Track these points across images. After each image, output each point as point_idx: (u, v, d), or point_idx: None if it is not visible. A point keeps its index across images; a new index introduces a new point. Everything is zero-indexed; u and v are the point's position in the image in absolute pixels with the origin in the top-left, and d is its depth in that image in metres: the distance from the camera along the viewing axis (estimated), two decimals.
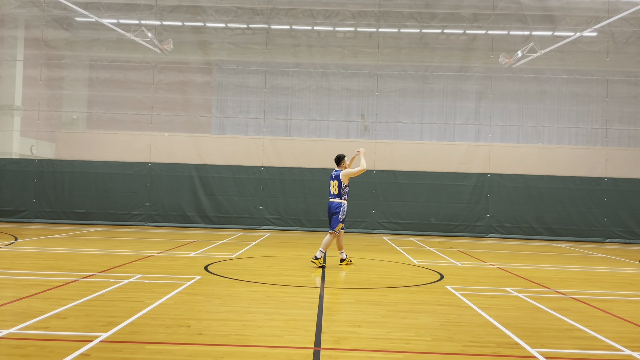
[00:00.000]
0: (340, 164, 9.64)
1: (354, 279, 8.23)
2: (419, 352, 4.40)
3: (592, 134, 19.78)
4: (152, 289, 6.66)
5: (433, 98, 20.24)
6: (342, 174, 9.42)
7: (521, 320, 5.65)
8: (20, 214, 17.90)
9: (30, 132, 19.34)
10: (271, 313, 5.62)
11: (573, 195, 18.00)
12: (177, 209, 18.10)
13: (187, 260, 9.70)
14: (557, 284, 8.29)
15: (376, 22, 18.97)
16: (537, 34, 17.94)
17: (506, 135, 20.04)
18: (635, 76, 19.43)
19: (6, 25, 18.91)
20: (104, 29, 18.08)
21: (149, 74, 19.13)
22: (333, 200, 9.47)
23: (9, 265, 8.40)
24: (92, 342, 4.32)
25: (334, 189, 9.47)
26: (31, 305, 5.56)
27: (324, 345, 4.50)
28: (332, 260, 10.48)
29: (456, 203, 18.06)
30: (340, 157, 9.69)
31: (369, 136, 19.62)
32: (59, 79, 19.57)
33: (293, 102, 20.04)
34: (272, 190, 18.25)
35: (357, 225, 18.05)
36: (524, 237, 17.91)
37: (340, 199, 9.43)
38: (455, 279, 8.50)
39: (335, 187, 9.44)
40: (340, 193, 9.41)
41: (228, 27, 19.67)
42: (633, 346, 4.79)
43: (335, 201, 9.44)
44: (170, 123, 19.31)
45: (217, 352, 4.23)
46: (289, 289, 7.06)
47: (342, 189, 9.40)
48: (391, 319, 5.59)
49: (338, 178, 9.44)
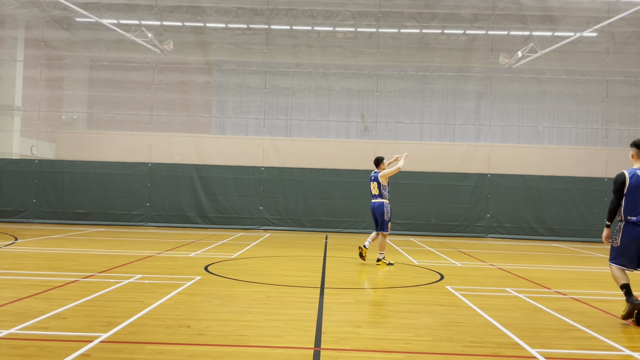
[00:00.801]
0: (379, 165, 10.04)
1: (354, 279, 8.23)
2: (419, 353, 4.40)
3: (592, 134, 19.77)
4: (152, 289, 6.66)
5: (433, 98, 20.23)
6: (380, 175, 9.84)
7: (521, 321, 5.65)
8: (21, 214, 17.90)
9: (30, 133, 19.34)
10: (271, 313, 5.62)
11: (573, 195, 17.99)
12: (177, 209, 18.10)
13: (187, 260, 9.70)
14: (557, 284, 8.29)
15: (376, 23, 18.97)
16: (537, 34, 17.94)
17: (506, 135, 20.04)
18: (635, 76, 19.43)
19: (6, 26, 18.91)
20: (104, 29, 18.08)
21: (149, 74, 19.13)
22: (375, 200, 9.90)
23: (9, 265, 8.40)
24: (92, 343, 4.32)
25: (374, 190, 9.93)
26: (31, 305, 5.56)
27: (324, 346, 4.50)
28: (333, 260, 10.48)
29: (456, 203, 18.05)
30: (379, 159, 10.08)
31: (369, 136, 19.62)
32: (59, 79, 19.57)
33: (293, 102, 20.04)
34: (272, 191, 18.25)
35: (357, 226, 18.05)
36: (524, 237, 17.91)
37: (381, 199, 9.84)
38: (456, 279, 8.50)
39: (376, 188, 9.90)
40: (381, 193, 9.84)
41: (228, 27, 19.68)
42: (633, 346, 4.79)
43: (377, 201, 9.86)
44: (170, 123, 19.31)
45: (217, 353, 4.23)
46: (289, 289, 7.06)
47: (381, 189, 9.84)
48: (391, 319, 5.59)
49: (377, 179, 9.88)
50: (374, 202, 9.87)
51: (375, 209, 9.82)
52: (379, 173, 9.90)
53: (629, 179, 5.52)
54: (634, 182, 5.48)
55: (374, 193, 9.92)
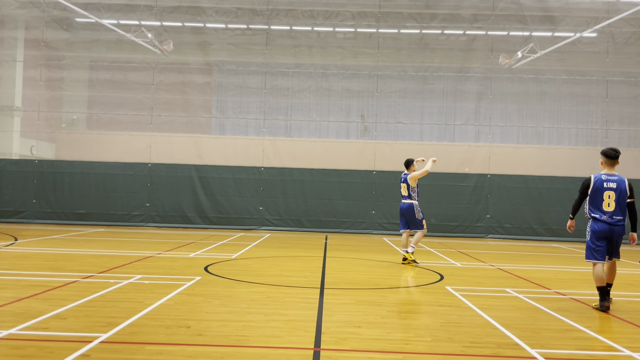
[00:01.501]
0: (409, 167, 10.31)
1: (354, 280, 8.23)
2: (419, 353, 4.40)
3: (592, 135, 19.77)
4: (152, 290, 6.66)
5: (433, 99, 20.23)
6: (409, 177, 10.14)
7: (521, 321, 5.65)
8: (20, 214, 17.89)
9: (30, 133, 19.34)
10: (271, 314, 5.62)
11: (573, 195, 17.58)
12: (177, 209, 18.10)
13: (187, 260, 9.70)
14: (557, 285, 8.30)
15: (376, 23, 18.97)
16: (537, 34, 17.95)
17: (506, 135, 20.03)
18: (635, 77, 19.43)
19: (6, 26, 18.91)
20: (104, 30, 18.08)
21: (149, 74, 19.13)
22: (405, 201, 10.18)
23: (9, 265, 8.40)
24: (92, 343, 4.32)
25: (404, 191, 10.22)
26: (31, 305, 5.56)
27: (324, 346, 4.50)
28: (333, 261, 10.48)
29: (456, 203, 18.05)
30: (409, 161, 10.34)
31: (369, 137, 19.62)
32: (59, 79, 19.57)
33: (293, 102, 20.04)
34: (272, 191, 18.25)
35: (357, 226, 18.05)
36: (524, 237, 17.91)
37: (410, 200, 10.12)
38: (455, 279, 8.50)
39: (405, 190, 10.19)
40: (410, 194, 10.12)
41: (228, 27, 19.68)
42: (633, 346, 4.79)
43: (406, 202, 10.13)
44: (170, 124, 19.31)
45: (217, 353, 4.23)
46: (289, 290, 7.06)
47: (411, 190, 10.13)
48: (391, 319, 5.59)
49: (406, 181, 10.17)
50: (404, 202, 10.15)
51: (405, 210, 10.09)
52: (408, 175, 10.16)
53: (593, 182, 6.53)
54: (597, 185, 6.48)
55: (403, 194, 10.21)
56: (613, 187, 6.43)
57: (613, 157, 6.51)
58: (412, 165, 10.26)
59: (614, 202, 6.42)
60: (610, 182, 6.46)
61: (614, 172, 6.55)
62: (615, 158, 6.52)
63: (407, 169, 10.28)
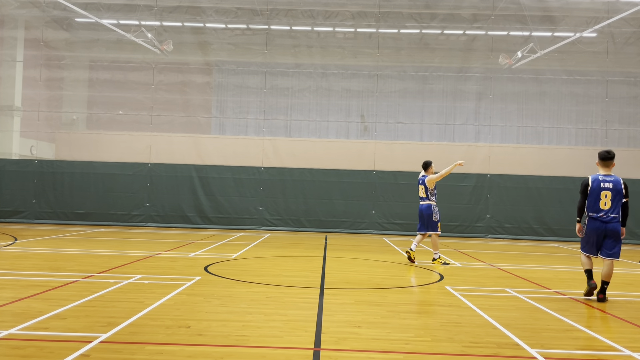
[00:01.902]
0: (427, 169, 10.38)
1: (354, 280, 8.23)
2: (419, 353, 4.40)
3: (592, 135, 19.77)
4: (152, 290, 6.66)
5: (433, 98, 20.23)
6: (427, 179, 10.21)
7: (521, 321, 5.65)
8: (20, 214, 17.90)
9: (30, 133, 19.34)
10: (271, 314, 5.62)
11: (573, 195, 17.87)
12: (177, 209, 18.10)
13: (187, 260, 9.70)
14: (557, 285, 8.30)
15: (376, 23, 18.97)
16: (537, 34, 17.95)
17: (506, 135, 20.03)
18: (635, 77, 19.43)
19: (6, 26, 18.91)
20: (103, 30, 18.08)
21: (148, 74, 19.13)
22: (423, 202, 10.28)
23: (9, 265, 8.39)
24: (92, 343, 4.32)
25: (422, 193, 10.32)
26: (31, 305, 5.56)
27: (323, 346, 4.50)
28: (333, 260, 10.48)
29: (456, 203, 18.04)
30: (427, 163, 10.41)
31: (368, 137, 19.62)
32: (59, 79, 19.57)
33: (293, 102, 20.04)
34: (271, 191, 18.25)
35: (357, 226, 18.05)
36: (523, 237, 17.91)
37: (428, 201, 10.23)
38: (455, 279, 8.50)
39: (423, 191, 10.27)
40: (428, 196, 10.23)
41: (228, 27, 19.68)
42: (633, 346, 4.79)
43: (424, 203, 10.25)
44: (170, 124, 19.31)
45: (216, 353, 4.22)
46: (289, 290, 7.06)
47: (428, 192, 10.22)
48: (391, 319, 5.59)
49: (424, 183, 10.25)
50: (422, 204, 10.24)
51: (423, 211, 10.18)
52: (426, 177, 10.20)
53: (591, 183, 6.95)
54: (595, 186, 6.90)
55: (421, 196, 10.29)
56: (610, 187, 6.84)
57: (607, 158, 6.95)
58: (430, 167, 10.29)
59: (610, 202, 6.83)
60: (607, 182, 6.87)
61: (610, 173, 6.96)
62: (610, 159, 6.94)
63: (425, 171, 10.34)
